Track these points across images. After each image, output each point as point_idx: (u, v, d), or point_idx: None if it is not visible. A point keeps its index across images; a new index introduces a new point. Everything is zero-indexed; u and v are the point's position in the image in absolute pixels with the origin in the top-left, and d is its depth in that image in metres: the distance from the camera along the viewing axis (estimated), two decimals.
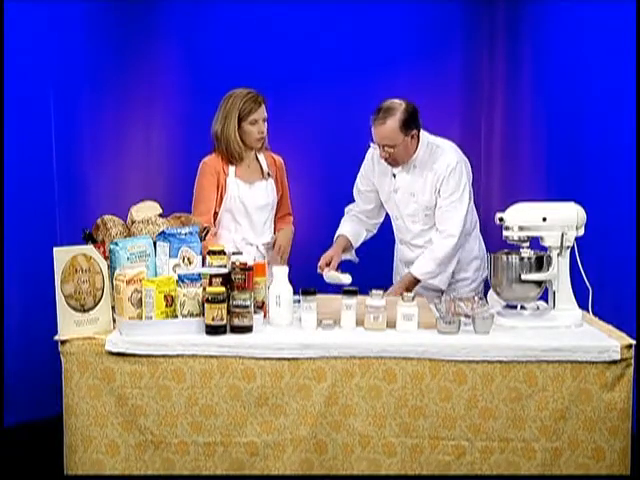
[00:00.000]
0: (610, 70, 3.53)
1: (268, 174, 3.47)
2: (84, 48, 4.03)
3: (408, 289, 3.19)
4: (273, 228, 3.55)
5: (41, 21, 3.78)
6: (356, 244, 3.49)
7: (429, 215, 3.31)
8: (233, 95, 3.37)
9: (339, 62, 4.33)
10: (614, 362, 2.45)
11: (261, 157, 3.49)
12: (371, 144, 3.27)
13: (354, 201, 3.55)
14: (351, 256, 3.49)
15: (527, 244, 2.77)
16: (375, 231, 3.58)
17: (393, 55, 4.34)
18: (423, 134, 3.29)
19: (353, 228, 3.49)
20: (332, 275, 3.25)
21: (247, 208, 3.40)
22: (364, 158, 3.48)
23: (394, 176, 3.33)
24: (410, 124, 3.19)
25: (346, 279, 3.18)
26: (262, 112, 3.37)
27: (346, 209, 3.57)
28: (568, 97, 3.88)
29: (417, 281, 3.25)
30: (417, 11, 4.38)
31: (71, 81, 3.98)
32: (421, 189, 3.29)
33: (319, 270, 3.32)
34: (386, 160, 3.25)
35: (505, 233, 2.80)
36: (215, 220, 3.40)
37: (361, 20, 4.35)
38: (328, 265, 3.31)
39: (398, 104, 3.18)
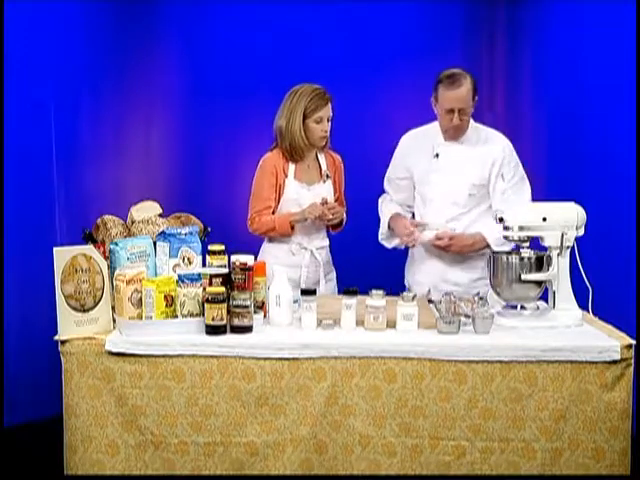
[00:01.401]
0: (610, 70, 3.54)
1: (327, 175, 3.39)
2: (84, 48, 4.04)
3: (475, 248, 3.22)
4: (326, 231, 3.47)
5: (41, 21, 3.79)
6: None
7: (473, 196, 3.25)
8: (299, 91, 3.29)
9: (339, 62, 4.33)
10: (614, 362, 2.45)
11: (321, 157, 3.41)
12: (442, 110, 3.17)
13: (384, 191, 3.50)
14: None
15: (527, 244, 2.77)
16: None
17: (394, 54, 4.35)
18: None
19: (400, 209, 3.43)
20: (426, 236, 3.22)
21: None
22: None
23: (436, 156, 3.28)
24: (476, 90, 3.19)
25: (445, 227, 3.21)
26: (328, 110, 3.28)
27: (380, 199, 3.51)
28: (568, 97, 3.89)
29: (486, 245, 3.21)
30: (418, 11, 4.38)
31: (71, 81, 3.99)
32: (469, 167, 3.24)
33: (411, 241, 3.22)
34: (454, 129, 3.20)
35: (505, 233, 2.79)
36: None
37: (361, 20, 4.35)
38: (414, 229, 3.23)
39: (463, 70, 3.17)
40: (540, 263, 2.73)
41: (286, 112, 3.29)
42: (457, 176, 3.26)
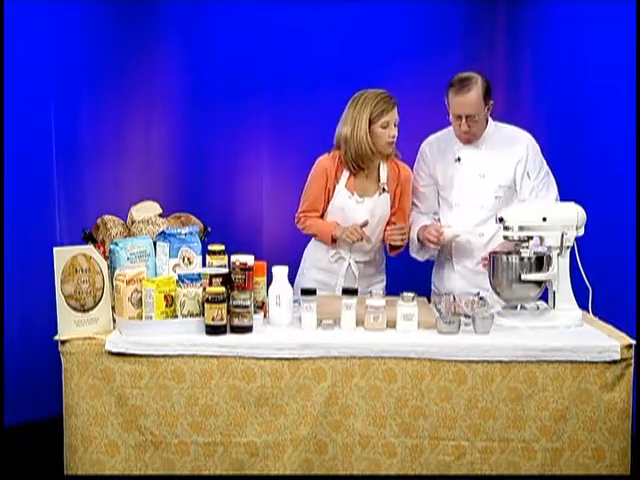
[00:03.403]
0: (610, 70, 3.54)
1: (384, 189, 3.25)
2: (84, 48, 4.03)
3: None
4: (381, 241, 3.33)
5: (41, 21, 3.78)
6: None
7: (499, 198, 3.20)
8: (363, 96, 3.18)
9: (339, 63, 4.33)
10: (614, 362, 2.46)
11: (383, 167, 3.27)
12: (451, 115, 3.14)
13: None
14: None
15: (527, 244, 2.77)
16: None
17: (394, 54, 4.34)
18: None
19: (427, 220, 3.33)
20: (451, 232, 3.19)
21: (350, 223, 3.20)
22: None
23: (458, 160, 3.24)
24: (489, 94, 3.14)
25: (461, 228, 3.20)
26: (394, 114, 3.17)
27: None
28: (568, 97, 3.89)
29: None
30: (418, 11, 4.38)
31: (71, 81, 3.98)
32: (493, 168, 3.19)
33: (434, 239, 3.17)
34: (465, 134, 3.16)
35: (505, 233, 2.79)
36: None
37: (361, 20, 4.35)
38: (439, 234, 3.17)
39: (475, 74, 3.12)
40: (540, 263, 2.73)
41: (350, 119, 3.17)
42: (482, 179, 3.21)
